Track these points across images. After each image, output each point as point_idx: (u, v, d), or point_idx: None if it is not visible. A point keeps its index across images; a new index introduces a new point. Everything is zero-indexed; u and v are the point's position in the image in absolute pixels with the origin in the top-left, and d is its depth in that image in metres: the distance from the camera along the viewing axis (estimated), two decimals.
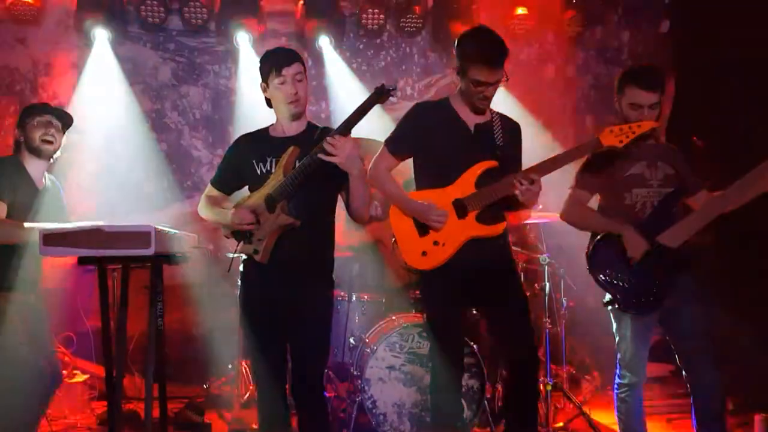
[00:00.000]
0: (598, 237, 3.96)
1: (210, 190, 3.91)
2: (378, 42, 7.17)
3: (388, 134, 3.94)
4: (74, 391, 5.70)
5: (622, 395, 4.05)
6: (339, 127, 3.43)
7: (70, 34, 6.58)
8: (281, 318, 3.59)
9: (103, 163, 6.29)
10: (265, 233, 3.55)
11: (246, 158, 3.71)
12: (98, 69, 6.50)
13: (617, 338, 4.06)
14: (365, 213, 3.70)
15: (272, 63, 3.60)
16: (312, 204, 3.59)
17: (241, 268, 3.77)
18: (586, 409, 5.25)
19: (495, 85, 3.71)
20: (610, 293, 3.92)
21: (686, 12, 6.97)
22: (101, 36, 6.42)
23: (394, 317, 5.21)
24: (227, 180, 3.87)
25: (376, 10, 6.77)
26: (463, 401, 4.87)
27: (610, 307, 4.02)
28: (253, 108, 6.49)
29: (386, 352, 4.94)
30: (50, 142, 4.20)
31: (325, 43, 6.80)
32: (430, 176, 3.86)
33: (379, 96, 3.37)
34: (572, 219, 4.11)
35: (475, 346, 4.94)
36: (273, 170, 3.60)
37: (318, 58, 6.88)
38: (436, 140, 3.80)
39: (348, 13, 7.00)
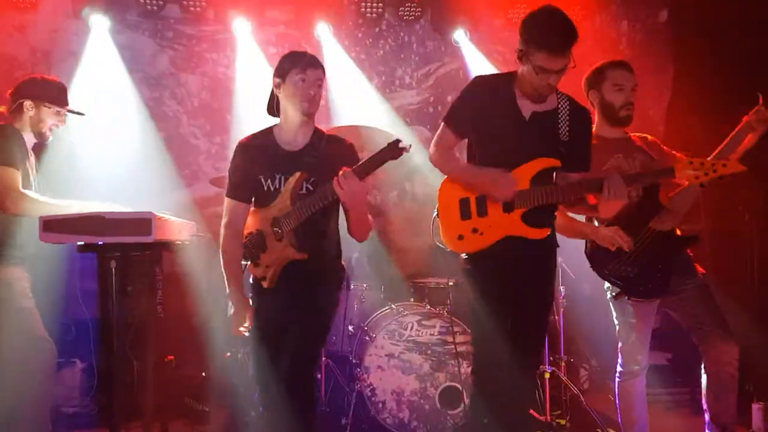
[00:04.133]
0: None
1: (228, 203, 3.69)
2: (377, 30, 7.14)
3: (447, 111, 3.74)
4: (72, 379, 5.70)
5: (623, 383, 4.07)
6: (354, 168, 3.32)
7: (68, 21, 6.55)
8: (288, 329, 3.55)
9: (101, 151, 6.26)
10: (272, 261, 3.55)
11: (253, 172, 3.61)
12: (97, 57, 6.48)
13: (618, 326, 4.08)
14: (364, 237, 3.69)
15: (298, 61, 3.57)
16: (319, 231, 3.59)
17: (251, 279, 3.72)
18: (584, 397, 5.26)
19: (560, 72, 3.44)
20: (617, 286, 3.94)
21: (685, 1, 6.97)
22: (99, 23, 6.41)
23: (393, 306, 5.22)
24: (242, 190, 3.68)
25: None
26: (461, 389, 4.92)
27: (609, 295, 4.04)
28: (251, 96, 6.51)
29: (385, 340, 4.95)
30: (51, 132, 4.27)
31: (323, 31, 6.79)
32: (484, 159, 3.63)
33: (392, 151, 3.25)
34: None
35: None
36: (281, 188, 3.53)
37: (317, 47, 6.86)
38: (489, 121, 3.59)
39: (347, 1, 6.98)
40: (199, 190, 6.51)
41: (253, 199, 3.67)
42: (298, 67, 3.54)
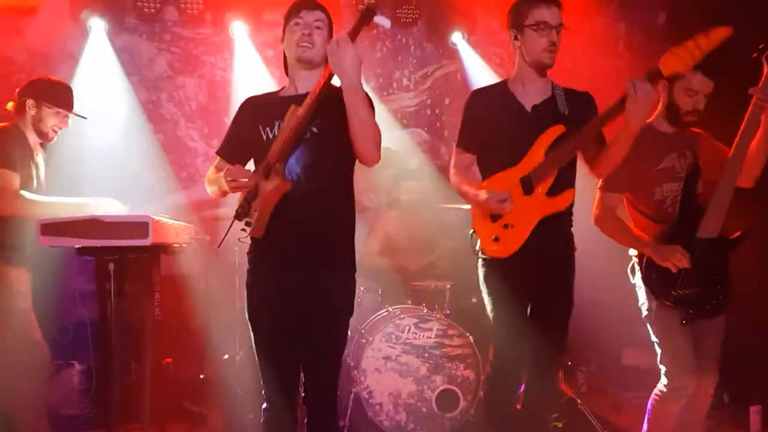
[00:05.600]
0: (645, 259, 3.78)
1: (216, 161, 3.49)
2: (374, 33, 7.13)
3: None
4: (70, 381, 5.70)
5: (662, 403, 3.86)
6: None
7: (66, 24, 6.53)
8: (293, 312, 3.23)
9: (99, 153, 6.26)
10: (259, 203, 3.15)
11: (253, 123, 3.34)
12: (95, 60, 6.47)
13: (660, 348, 3.85)
14: (371, 146, 3.23)
15: (293, 7, 3.34)
16: (322, 166, 3.23)
17: (247, 251, 3.38)
18: (581, 400, 5.26)
19: (558, 29, 3.48)
20: (684, 307, 3.72)
21: (683, 3, 6.97)
22: (97, 26, 6.40)
23: (390, 308, 5.22)
24: (234, 147, 3.45)
25: (372, 1, 6.75)
26: (458, 392, 4.92)
27: (645, 313, 3.89)
28: None
29: (382, 342, 4.95)
30: (55, 133, 4.29)
31: None
32: (496, 163, 3.64)
33: (365, 17, 3.18)
34: (603, 227, 3.92)
35: (471, 338, 4.97)
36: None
37: None
38: (494, 124, 3.64)
39: (344, 3, 6.97)
40: (197, 192, 6.50)
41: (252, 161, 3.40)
42: (293, 14, 3.31)
